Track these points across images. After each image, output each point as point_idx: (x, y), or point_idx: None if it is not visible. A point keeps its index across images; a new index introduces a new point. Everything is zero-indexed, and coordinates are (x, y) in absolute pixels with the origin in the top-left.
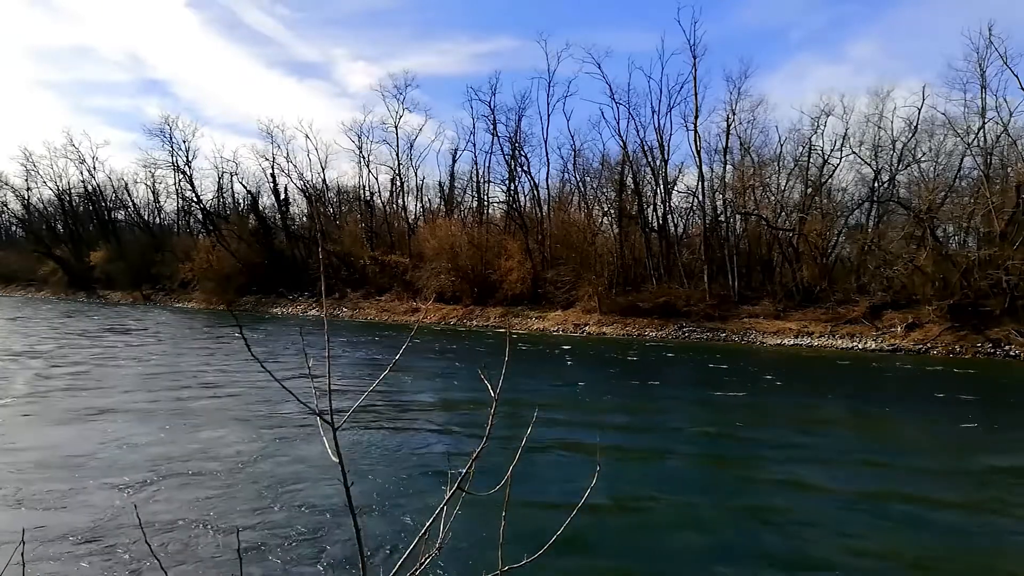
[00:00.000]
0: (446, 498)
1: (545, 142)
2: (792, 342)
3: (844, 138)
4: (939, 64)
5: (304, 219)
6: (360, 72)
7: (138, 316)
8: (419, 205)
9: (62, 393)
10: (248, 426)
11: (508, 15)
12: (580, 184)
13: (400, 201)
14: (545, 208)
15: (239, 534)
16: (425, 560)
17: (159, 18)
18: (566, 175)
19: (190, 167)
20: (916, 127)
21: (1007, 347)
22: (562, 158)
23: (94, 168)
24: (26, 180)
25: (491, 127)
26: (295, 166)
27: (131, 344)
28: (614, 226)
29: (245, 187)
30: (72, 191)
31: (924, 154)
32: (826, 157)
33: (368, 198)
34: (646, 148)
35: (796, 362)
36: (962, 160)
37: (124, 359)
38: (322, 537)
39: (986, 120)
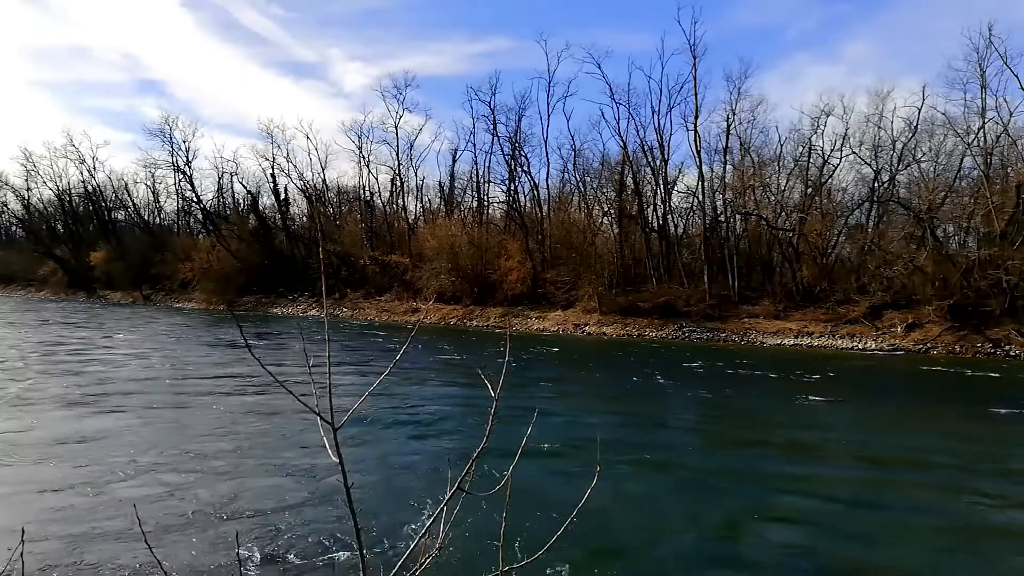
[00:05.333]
0: (446, 498)
1: (545, 142)
2: (792, 342)
3: (844, 138)
4: (935, 64)
5: (304, 219)
6: (356, 72)
7: (140, 316)
8: (419, 205)
9: (61, 391)
10: (248, 426)
11: (504, 15)
12: (580, 184)
13: (400, 201)
14: (545, 208)
15: (239, 534)
16: (425, 560)
17: (154, 18)
18: (566, 175)
19: (190, 167)
20: (916, 127)
21: (1007, 347)
22: (562, 158)
23: (94, 168)
24: (26, 180)
25: (491, 127)
26: (295, 166)
27: (131, 343)
28: (614, 226)
29: (245, 187)
30: (72, 191)
31: (924, 154)
32: (826, 157)
33: (368, 198)
34: (646, 148)
35: (796, 362)
36: (962, 160)
37: (122, 357)
38: (322, 537)
39: (986, 120)
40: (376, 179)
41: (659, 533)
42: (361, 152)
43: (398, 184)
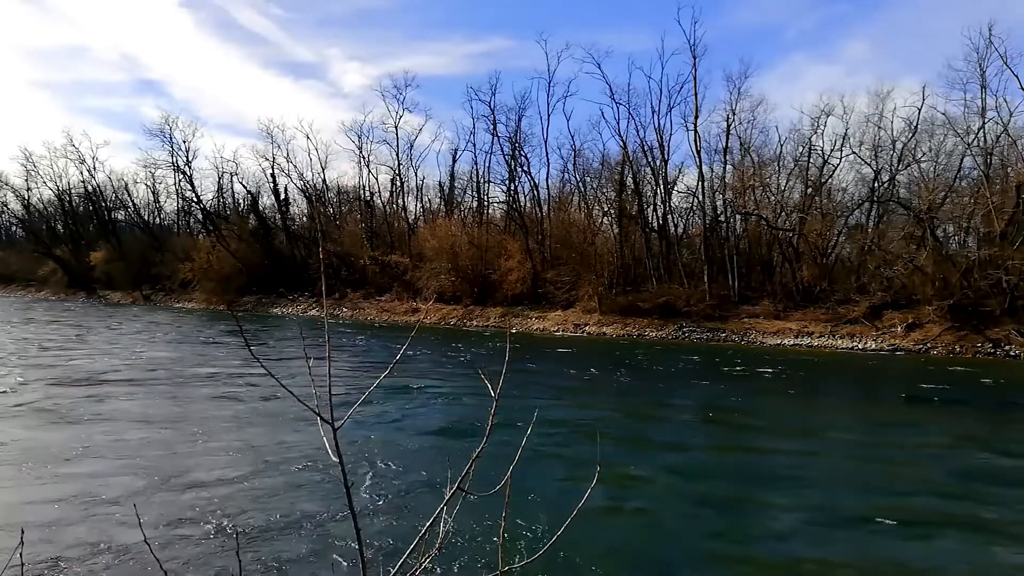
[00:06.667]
0: (446, 498)
1: (545, 142)
2: (792, 342)
3: (844, 138)
4: (933, 64)
5: (304, 219)
6: (354, 72)
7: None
8: (419, 205)
9: (62, 391)
10: (248, 426)
11: (504, 15)
12: (580, 184)
13: (400, 201)
14: (545, 208)
15: (239, 534)
16: (425, 560)
17: (153, 18)
18: (566, 175)
19: (190, 167)
20: (916, 127)
21: (1007, 347)
22: (562, 158)
23: (94, 168)
24: (26, 180)
25: (491, 127)
26: (295, 166)
27: (130, 342)
28: (614, 226)
29: (245, 187)
30: (72, 191)
31: (924, 154)
32: (826, 157)
33: (368, 198)
34: (646, 148)
35: (796, 362)
36: (962, 160)
37: (120, 356)
38: (322, 537)
39: (986, 120)
40: (376, 179)
41: (659, 533)
42: (361, 152)
43: (398, 184)
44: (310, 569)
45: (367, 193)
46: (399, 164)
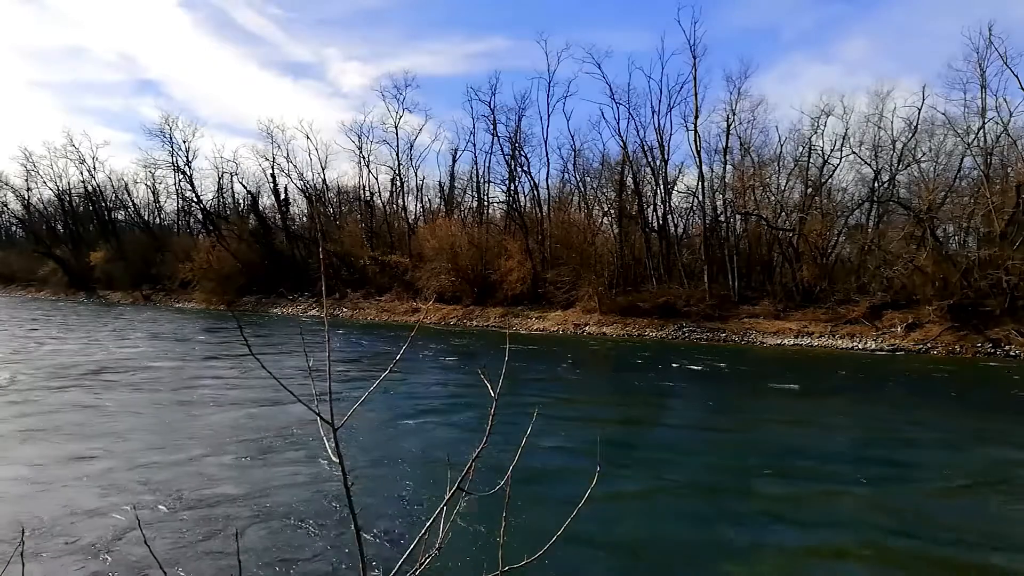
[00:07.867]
0: (446, 498)
1: (545, 142)
2: (792, 342)
3: (844, 138)
4: (932, 64)
5: (304, 219)
6: (353, 72)
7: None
8: (419, 205)
9: (60, 392)
10: (247, 426)
11: (503, 15)
12: (580, 184)
13: (400, 201)
14: (545, 208)
15: (239, 535)
16: (425, 560)
17: (151, 18)
18: (566, 175)
19: (190, 167)
20: (916, 127)
21: (1007, 347)
22: (562, 158)
23: (94, 168)
24: (26, 180)
25: (491, 127)
26: (295, 166)
27: (132, 342)
28: (614, 226)
29: (245, 187)
30: (72, 191)
31: (924, 154)
32: (826, 157)
33: (368, 198)
34: (646, 148)
35: (796, 362)
36: (962, 160)
37: (122, 356)
38: (322, 537)
39: (986, 120)
40: (376, 179)
41: (659, 533)
42: (361, 152)
43: (398, 184)
44: (310, 569)
45: (367, 193)
46: (399, 164)
